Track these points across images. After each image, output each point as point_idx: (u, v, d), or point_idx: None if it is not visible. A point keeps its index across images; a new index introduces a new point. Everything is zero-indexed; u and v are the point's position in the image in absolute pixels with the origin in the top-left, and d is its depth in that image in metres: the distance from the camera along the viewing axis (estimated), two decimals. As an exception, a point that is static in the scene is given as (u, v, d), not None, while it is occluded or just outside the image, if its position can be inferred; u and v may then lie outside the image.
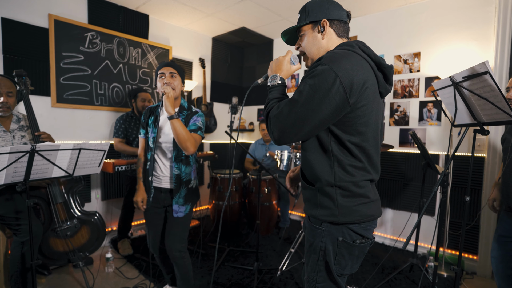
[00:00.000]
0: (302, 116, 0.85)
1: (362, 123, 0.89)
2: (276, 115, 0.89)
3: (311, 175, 0.95)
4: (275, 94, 0.99)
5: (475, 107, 1.45)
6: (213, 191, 3.05)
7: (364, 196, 0.91)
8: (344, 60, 0.84)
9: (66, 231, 2.12)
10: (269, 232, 3.09)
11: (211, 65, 3.84)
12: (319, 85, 0.83)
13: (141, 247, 2.72)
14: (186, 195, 1.60)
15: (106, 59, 2.81)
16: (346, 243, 0.91)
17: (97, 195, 2.78)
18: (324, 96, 0.83)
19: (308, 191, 0.99)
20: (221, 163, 3.79)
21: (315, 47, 1.00)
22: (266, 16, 3.10)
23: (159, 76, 1.57)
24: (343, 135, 0.88)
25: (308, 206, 0.99)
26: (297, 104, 0.85)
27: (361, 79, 0.85)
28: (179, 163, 1.56)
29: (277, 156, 2.67)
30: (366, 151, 0.91)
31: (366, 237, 0.93)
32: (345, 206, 0.90)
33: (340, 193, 0.90)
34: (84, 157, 1.65)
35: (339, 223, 0.91)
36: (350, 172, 0.90)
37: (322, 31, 0.98)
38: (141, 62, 3.08)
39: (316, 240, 0.95)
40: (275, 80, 1.01)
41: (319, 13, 0.98)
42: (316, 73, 0.85)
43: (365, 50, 0.91)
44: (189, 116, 1.60)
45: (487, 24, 2.30)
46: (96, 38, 2.73)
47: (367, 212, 0.91)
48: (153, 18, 3.17)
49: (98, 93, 2.78)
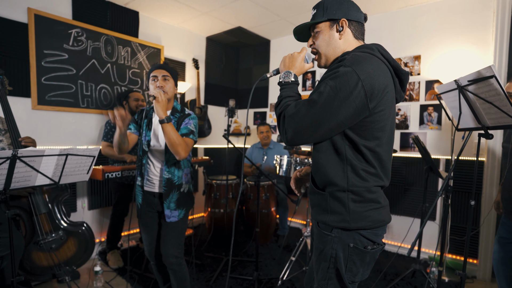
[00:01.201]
0: (319, 118, 0.84)
1: (378, 128, 0.89)
2: (292, 115, 0.87)
3: (323, 179, 0.94)
4: (289, 92, 0.97)
5: (480, 111, 1.47)
6: (208, 198, 2.98)
7: (375, 201, 0.91)
8: (367, 64, 0.84)
9: (51, 243, 2.01)
10: (268, 240, 3.05)
11: (205, 66, 3.77)
12: (341, 87, 0.82)
13: (133, 258, 2.61)
14: (178, 199, 1.58)
15: (93, 58, 2.69)
16: (358, 249, 0.91)
17: (84, 204, 2.66)
18: (345, 99, 0.82)
19: (317, 196, 0.97)
20: (217, 168, 3.72)
21: (331, 47, 0.98)
22: (264, 16, 3.07)
23: (152, 79, 1.56)
24: (359, 139, 0.88)
25: (317, 211, 0.97)
26: (315, 105, 0.84)
27: (382, 83, 0.85)
28: (171, 166, 1.56)
29: (276, 161, 2.59)
30: (380, 156, 0.91)
31: (377, 243, 0.93)
32: (356, 212, 0.89)
33: (352, 198, 0.89)
34: (72, 163, 1.57)
35: (350, 229, 0.90)
36: (363, 177, 0.89)
37: (341, 30, 0.96)
38: (130, 62, 2.97)
39: (326, 247, 0.94)
40: (289, 77, 0.99)
41: (339, 11, 0.96)
42: (338, 74, 0.83)
43: (384, 54, 0.91)
44: (181, 119, 1.59)
45: (486, 28, 2.37)
46: (82, 36, 2.61)
47: (378, 217, 0.91)
48: (144, 16, 3.07)
49: (84, 95, 2.66)
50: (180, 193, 1.58)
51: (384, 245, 0.97)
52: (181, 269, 1.63)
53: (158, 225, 1.65)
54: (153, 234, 1.65)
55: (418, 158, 2.76)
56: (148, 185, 1.61)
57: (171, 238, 1.59)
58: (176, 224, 1.59)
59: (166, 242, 1.59)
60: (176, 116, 1.60)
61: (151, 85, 1.55)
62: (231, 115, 2.70)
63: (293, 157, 2.52)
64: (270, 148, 3.35)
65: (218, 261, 2.60)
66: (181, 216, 1.59)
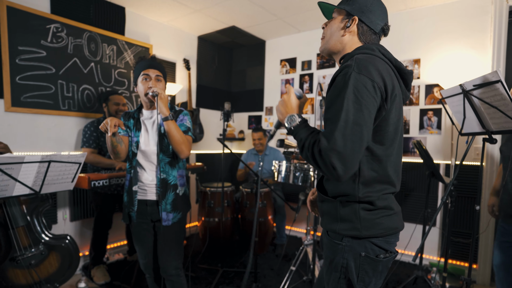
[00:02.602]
0: (358, 135, 0.79)
1: (392, 131, 0.89)
2: (330, 147, 0.78)
3: (333, 187, 0.93)
4: (306, 131, 0.90)
5: (484, 115, 1.49)
6: (202, 206, 2.88)
7: (388, 208, 0.91)
8: (371, 66, 0.83)
9: (30, 259, 1.86)
10: (265, 250, 2.99)
11: (197, 67, 3.68)
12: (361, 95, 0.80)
13: (122, 273, 2.47)
14: (174, 201, 1.54)
15: (74, 57, 2.54)
16: (370, 258, 0.89)
17: (65, 215, 2.50)
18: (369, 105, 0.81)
19: (327, 204, 0.96)
20: (210, 175, 3.61)
21: (333, 38, 0.98)
22: (260, 15, 3.02)
23: (143, 77, 1.51)
24: (373, 144, 0.87)
25: (327, 220, 0.96)
26: (348, 125, 0.79)
27: (390, 84, 0.85)
28: (166, 165, 1.53)
29: (275, 167, 2.49)
30: (392, 162, 0.91)
31: (390, 251, 0.91)
32: (368, 219, 0.88)
33: (363, 206, 0.89)
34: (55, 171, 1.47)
35: (361, 237, 0.89)
36: (374, 185, 0.89)
37: (348, 27, 0.95)
38: (116, 62, 2.84)
39: (337, 256, 0.93)
40: (294, 120, 0.94)
41: (357, 7, 0.94)
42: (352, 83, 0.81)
43: (386, 54, 0.91)
44: (175, 116, 1.57)
45: (484, 33, 2.44)
46: (62, 31, 2.45)
47: (391, 224, 0.90)
48: (131, 12, 2.94)
49: (65, 96, 2.49)
50: (176, 194, 1.55)
51: (397, 253, 0.95)
52: (179, 280, 1.60)
53: (154, 235, 1.60)
54: (149, 246, 1.60)
55: (418, 163, 2.77)
56: (140, 193, 1.55)
57: (170, 249, 1.54)
58: (173, 232, 1.55)
59: (165, 253, 1.54)
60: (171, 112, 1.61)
61: (141, 84, 1.51)
62: (226, 118, 2.57)
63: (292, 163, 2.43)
64: (266, 154, 3.27)
65: (214, 272, 2.51)
66: (176, 220, 1.54)
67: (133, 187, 1.53)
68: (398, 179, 0.94)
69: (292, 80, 3.55)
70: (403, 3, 2.64)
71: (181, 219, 1.57)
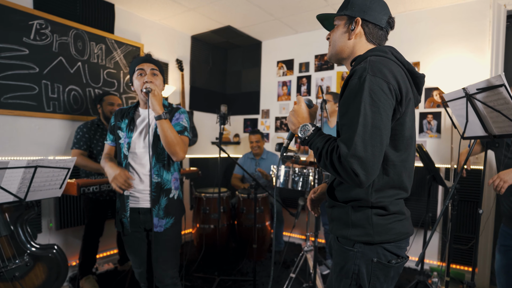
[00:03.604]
0: (378, 139, 0.79)
1: (407, 136, 0.89)
2: (350, 154, 0.77)
3: (344, 191, 0.93)
4: (321, 140, 0.89)
5: (487, 119, 1.50)
6: (197, 213, 2.83)
7: (400, 213, 0.91)
8: (385, 68, 0.83)
9: (14, 271, 1.77)
10: (263, 257, 2.96)
11: (190, 68, 3.61)
12: (379, 98, 0.80)
13: (113, 283, 2.39)
14: (167, 206, 1.49)
15: (60, 55, 2.43)
16: (382, 264, 0.89)
17: (50, 224, 2.40)
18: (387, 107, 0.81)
19: (337, 210, 0.96)
20: (204, 180, 3.52)
21: (340, 45, 0.98)
22: (256, 15, 2.98)
23: (138, 72, 1.45)
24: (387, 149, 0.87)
25: (337, 226, 0.96)
26: (367, 129, 0.78)
27: (404, 87, 0.86)
28: (160, 168, 1.47)
29: (273, 172, 2.44)
30: (405, 167, 0.91)
31: (401, 256, 0.92)
32: (380, 224, 0.89)
33: (376, 211, 0.89)
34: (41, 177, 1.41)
35: (373, 243, 0.89)
36: (387, 190, 0.89)
37: (352, 30, 0.95)
38: (105, 61, 2.74)
39: (348, 263, 0.92)
40: (308, 129, 0.93)
41: (358, 9, 0.94)
42: (367, 86, 0.80)
43: (398, 57, 0.91)
44: (171, 114, 1.51)
45: (482, 36, 2.48)
46: (46, 28, 2.34)
47: (402, 229, 0.91)
48: (120, 9, 2.86)
49: (50, 97, 2.39)
50: (169, 199, 1.50)
51: (408, 258, 0.96)
52: None
53: (148, 244, 1.55)
54: (143, 255, 1.55)
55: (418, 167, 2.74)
56: (132, 200, 1.48)
57: (166, 258, 1.50)
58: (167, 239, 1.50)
59: (160, 263, 1.49)
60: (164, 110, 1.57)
61: (136, 80, 1.45)
62: (223, 122, 2.50)
63: (291, 167, 2.38)
64: (263, 158, 3.20)
65: (210, 281, 2.45)
66: (168, 226, 1.49)
67: (124, 191, 1.46)
68: (410, 184, 0.95)
69: (290, 83, 3.53)
70: (402, 5, 2.67)
71: (175, 224, 1.52)
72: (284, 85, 3.53)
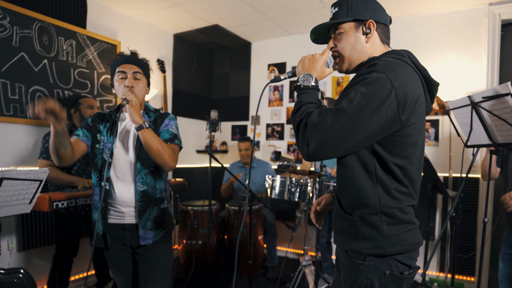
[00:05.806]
0: (347, 129, 0.82)
1: (410, 143, 0.88)
2: (316, 124, 0.83)
3: (350, 200, 0.93)
4: (310, 97, 0.93)
5: (492, 127, 1.51)
6: (183, 228, 2.67)
7: (410, 222, 0.91)
8: (400, 71, 0.83)
9: None
10: (255, 273, 2.83)
11: (173, 70, 3.44)
12: (373, 94, 0.80)
13: None
14: (157, 217, 1.41)
15: (22, 51, 2.21)
16: (395, 276, 0.89)
17: (11, 245, 2.20)
18: (377, 108, 0.81)
19: (344, 222, 0.95)
20: (190, 192, 3.36)
21: (357, 51, 0.96)
22: (247, 14, 2.89)
23: (118, 75, 1.39)
24: (388, 156, 0.87)
25: (346, 239, 0.95)
26: (344, 114, 0.81)
27: (414, 94, 0.85)
28: (147, 176, 1.40)
29: (267, 182, 2.30)
30: (411, 174, 0.91)
31: (413, 267, 0.92)
32: (391, 235, 0.88)
33: (386, 220, 0.88)
34: (8, 190, 1.30)
35: (385, 255, 0.88)
36: (396, 197, 0.89)
37: (368, 33, 0.94)
38: (76, 59, 2.52)
39: (359, 277, 0.91)
40: (309, 80, 0.96)
41: (365, 12, 0.94)
42: (370, 80, 0.82)
43: (415, 62, 0.91)
44: (159, 120, 1.46)
45: (478, 44, 2.55)
46: (4, 19, 2.11)
47: (413, 239, 0.91)
48: (94, 1, 2.66)
49: (9, 99, 2.16)
50: (159, 209, 1.43)
51: (419, 268, 0.95)
52: None
53: (133, 263, 1.46)
54: (127, 274, 1.48)
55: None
56: (113, 215, 1.38)
57: (156, 278, 1.41)
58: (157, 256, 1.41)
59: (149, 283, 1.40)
60: (150, 115, 1.47)
61: (117, 83, 1.39)
62: (213, 128, 2.32)
63: (288, 177, 2.26)
64: (253, 167, 3.02)
65: None
66: (157, 239, 1.41)
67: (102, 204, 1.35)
68: (416, 192, 0.96)
69: (282, 87, 3.46)
70: (399, 9, 2.70)
71: (165, 238, 1.44)
72: (276, 90, 3.46)
